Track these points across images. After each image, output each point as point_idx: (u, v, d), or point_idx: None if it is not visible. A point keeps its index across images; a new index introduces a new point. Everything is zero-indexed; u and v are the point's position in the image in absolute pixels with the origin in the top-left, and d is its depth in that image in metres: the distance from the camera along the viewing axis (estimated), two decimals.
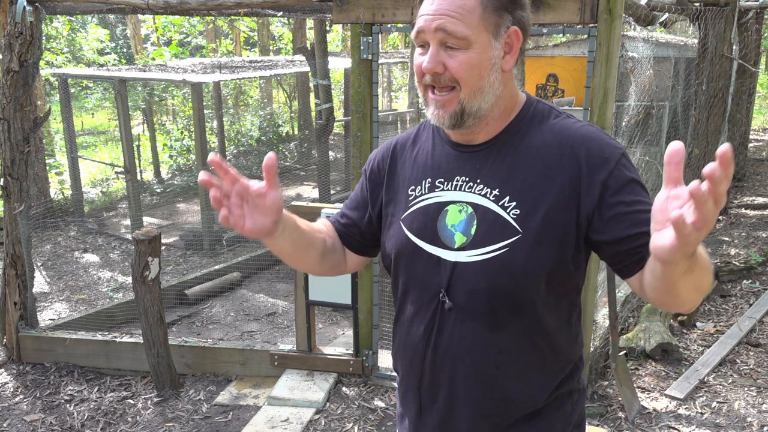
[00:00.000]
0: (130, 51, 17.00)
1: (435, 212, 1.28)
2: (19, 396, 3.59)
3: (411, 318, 1.33)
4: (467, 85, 1.18)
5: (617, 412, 3.29)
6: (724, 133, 6.16)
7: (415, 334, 1.32)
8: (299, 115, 12.26)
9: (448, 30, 1.15)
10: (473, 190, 1.25)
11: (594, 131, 1.24)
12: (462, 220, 1.25)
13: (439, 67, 1.18)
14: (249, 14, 4.26)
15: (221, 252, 6.38)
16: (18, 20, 3.47)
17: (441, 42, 1.17)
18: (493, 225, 1.21)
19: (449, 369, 1.28)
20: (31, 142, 3.75)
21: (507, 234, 1.20)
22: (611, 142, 1.22)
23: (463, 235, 1.24)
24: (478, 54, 1.17)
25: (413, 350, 1.33)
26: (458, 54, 1.17)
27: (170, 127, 10.85)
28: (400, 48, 17.34)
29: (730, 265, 5.07)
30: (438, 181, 1.30)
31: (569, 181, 1.18)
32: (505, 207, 1.21)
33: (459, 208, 1.26)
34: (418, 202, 1.31)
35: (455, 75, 1.18)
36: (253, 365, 3.73)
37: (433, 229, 1.27)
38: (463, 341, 1.25)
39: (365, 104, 3.26)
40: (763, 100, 15.09)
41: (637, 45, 5.24)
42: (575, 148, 1.20)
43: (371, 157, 1.47)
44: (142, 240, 3.30)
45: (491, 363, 1.25)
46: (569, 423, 1.34)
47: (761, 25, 7.03)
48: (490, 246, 1.21)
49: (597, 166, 1.18)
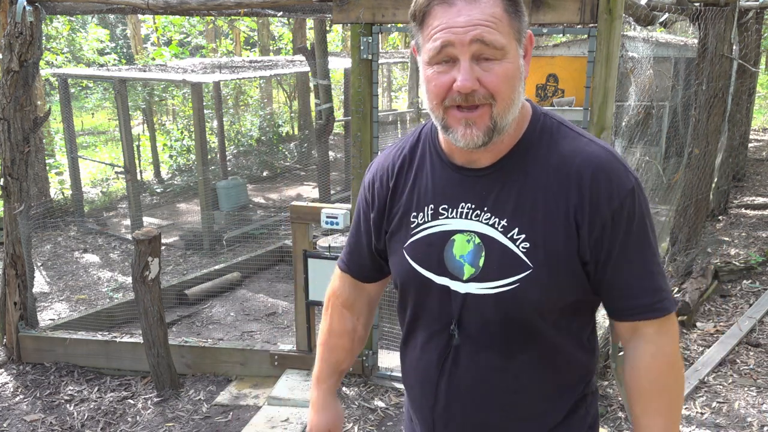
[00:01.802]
0: (130, 51, 17.00)
1: (441, 242, 1.22)
2: (19, 396, 3.59)
3: (422, 345, 1.30)
4: (503, 99, 1.10)
5: (617, 412, 3.29)
6: (724, 133, 6.16)
7: (428, 361, 1.28)
8: (299, 115, 12.27)
9: (486, 40, 1.06)
10: (480, 218, 1.19)
11: (606, 158, 1.16)
12: (470, 250, 1.19)
13: (476, 84, 1.08)
14: (249, 14, 4.26)
15: (221, 252, 6.38)
16: (18, 20, 3.47)
17: (475, 55, 1.07)
18: (503, 258, 1.17)
19: (464, 398, 1.25)
20: (31, 142, 3.75)
21: (517, 269, 1.15)
22: (620, 174, 1.14)
23: (472, 266, 1.19)
24: (513, 64, 1.10)
25: (425, 375, 1.29)
26: (494, 66, 1.08)
27: (170, 127, 10.85)
28: (400, 48, 17.33)
29: (730, 265, 5.07)
30: (441, 208, 1.22)
31: (573, 212, 1.14)
32: (514, 240, 1.16)
33: (467, 238, 1.20)
34: (422, 230, 1.25)
35: (492, 90, 1.08)
36: (253, 365, 3.73)
37: (439, 259, 1.22)
38: (478, 371, 1.23)
39: (365, 104, 3.26)
40: (763, 100, 15.09)
41: (637, 45, 5.24)
42: (581, 176, 1.14)
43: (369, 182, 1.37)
44: (142, 240, 3.30)
45: (509, 390, 1.23)
46: (584, 426, 1.33)
47: (761, 25, 7.03)
48: (500, 280, 1.17)
49: (600, 204, 1.13)
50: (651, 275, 1.17)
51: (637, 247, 1.16)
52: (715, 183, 6.37)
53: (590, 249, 1.15)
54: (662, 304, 1.17)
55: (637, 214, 1.14)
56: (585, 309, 1.25)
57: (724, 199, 6.76)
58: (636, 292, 1.17)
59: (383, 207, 1.32)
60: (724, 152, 6.55)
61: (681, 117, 7.88)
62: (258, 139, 11.29)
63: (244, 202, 7.44)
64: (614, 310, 1.21)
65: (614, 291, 1.18)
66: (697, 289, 4.53)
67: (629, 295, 1.17)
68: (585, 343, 1.28)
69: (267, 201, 8.63)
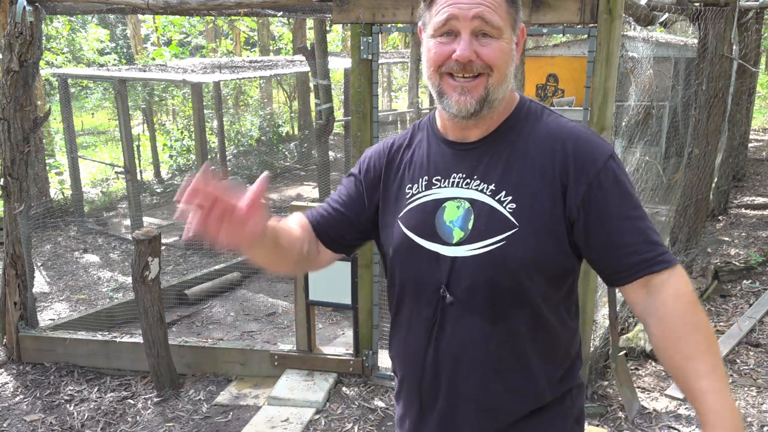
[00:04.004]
0: (130, 51, 17.00)
1: (433, 209, 1.28)
2: (19, 396, 3.59)
3: (410, 317, 1.33)
4: (499, 71, 1.21)
5: (617, 412, 3.29)
6: (724, 133, 6.16)
7: (415, 333, 1.32)
8: (299, 115, 12.27)
9: (486, 18, 1.18)
10: (470, 186, 1.26)
11: (584, 130, 1.27)
12: (460, 215, 1.26)
13: (473, 55, 1.20)
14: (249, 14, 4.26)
15: (221, 252, 6.38)
16: (18, 20, 3.47)
17: (475, 30, 1.20)
18: (490, 219, 1.23)
19: (451, 366, 1.28)
20: (31, 142, 3.75)
21: (504, 227, 1.21)
22: (600, 142, 1.25)
23: (461, 230, 1.25)
24: (508, 44, 1.23)
25: (414, 350, 1.33)
26: (491, 42, 1.20)
27: (170, 127, 10.85)
28: (400, 48, 17.34)
29: (730, 265, 5.07)
30: (435, 179, 1.31)
31: (559, 176, 1.21)
32: (502, 201, 1.23)
33: (456, 204, 1.27)
34: (416, 199, 1.32)
35: (489, 61, 1.20)
36: (253, 365, 3.73)
37: (431, 225, 1.28)
38: (464, 335, 1.26)
39: (365, 104, 3.26)
40: (763, 100, 15.09)
41: (637, 45, 5.24)
42: (566, 144, 1.23)
43: (366, 157, 1.45)
44: (142, 240, 3.30)
45: (493, 356, 1.26)
46: (569, 418, 1.34)
47: (761, 25, 7.03)
48: (487, 239, 1.22)
49: (585, 165, 1.21)
50: (650, 231, 1.20)
51: (629, 206, 1.20)
52: (715, 183, 6.37)
53: (577, 209, 1.20)
54: (666, 256, 1.19)
55: (620, 176, 1.22)
56: (567, 279, 1.28)
57: (724, 199, 6.76)
58: (639, 248, 1.18)
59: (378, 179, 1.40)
60: (724, 152, 6.55)
61: (681, 117, 7.88)
62: (258, 139, 11.29)
63: None
64: (623, 270, 1.19)
65: (618, 250, 1.19)
66: (697, 289, 4.53)
67: (634, 251, 1.18)
68: (569, 322, 1.32)
69: (267, 201, 8.62)
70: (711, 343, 1.15)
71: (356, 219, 1.41)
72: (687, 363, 1.14)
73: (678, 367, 1.15)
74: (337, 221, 1.42)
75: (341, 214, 1.42)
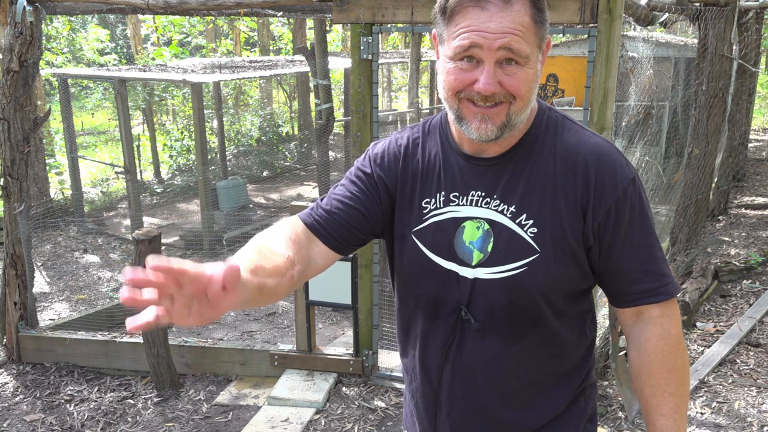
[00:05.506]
0: (130, 51, 16.99)
1: (451, 228, 1.24)
2: (19, 396, 3.59)
3: (425, 332, 1.31)
4: (522, 99, 1.15)
5: (617, 412, 3.29)
6: (724, 133, 6.16)
7: (432, 348, 1.30)
8: (299, 115, 12.27)
9: (513, 49, 1.10)
10: (489, 205, 1.22)
11: (607, 148, 1.22)
12: (479, 236, 1.22)
13: (497, 87, 1.12)
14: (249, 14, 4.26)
15: (221, 252, 6.38)
16: (18, 20, 3.47)
17: (499, 59, 1.11)
18: (511, 243, 1.20)
19: (469, 383, 1.27)
20: (31, 142, 3.75)
21: (525, 253, 1.19)
22: (622, 164, 1.20)
23: (480, 252, 1.22)
24: (533, 69, 1.15)
25: (430, 365, 1.31)
26: (516, 71, 1.12)
27: (170, 127, 10.85)
28: (400, 48, 17.34)
29: (730, 265, 5.07)
30: (453, 195, 1.25)
31: (580, 201, 1.18)
32: (522, 225, 1.20)
33: (476, 224, 1.23)
34: (433, 216, 1.27)
35: (514, 92, 1.13)
36: (253, 365, 3.73)
37: (449, 245, 1.24)
38: (483, 355, 1.25)
39: (365, 104, 3.26)
40: (763, 100, 15.09)
41: (637, 45, 5.24)
42: (588, 166, 1.19)
43: (377, 154, 1.33)
44: (142, 240, 3.30)
45: (511, 375, 1.26)
46: (583, 418, 1.35)
47: (761, 25, 7.03)
48: (508, 264, 1.20)
49: (605, 192, 1.18)
50: (654, 260, 1.20)
51: (640, 234, 1.20)
52: (715, 183, 6.37)
53: (594, 234, 1.19)
54: (666, 288, 1.21)
55: (638, 203, 1.20)
56: (585, 297, 1.29)
57: (724, 199, 6.76)
58: (640, 277, 1.20)
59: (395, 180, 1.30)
60: (724, 152, 6.55)
61: (681, 117, 7.88)
62: (258, 139, 11.29)
63: (244, 202, 7.44)
64: (619, 295, 1.24)
65: (619, 276, 1.21)
66: (697, 289, 4.53)
67: (634, 280, 1.20)
68: (586, 331, 1.31)
69: (267, 201, 8.64)
70: (681, 384, 1.23)
71: (370, 217, 1.29)
72: (652, 399, 1.25)
73: (644, 399, 1.27)
74: (344, 220, 1.28)
75: (353, 209, 1.28)
